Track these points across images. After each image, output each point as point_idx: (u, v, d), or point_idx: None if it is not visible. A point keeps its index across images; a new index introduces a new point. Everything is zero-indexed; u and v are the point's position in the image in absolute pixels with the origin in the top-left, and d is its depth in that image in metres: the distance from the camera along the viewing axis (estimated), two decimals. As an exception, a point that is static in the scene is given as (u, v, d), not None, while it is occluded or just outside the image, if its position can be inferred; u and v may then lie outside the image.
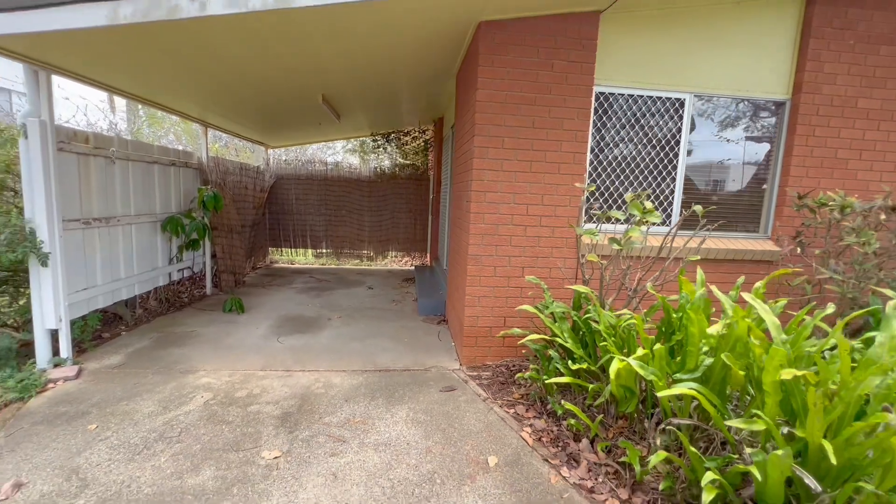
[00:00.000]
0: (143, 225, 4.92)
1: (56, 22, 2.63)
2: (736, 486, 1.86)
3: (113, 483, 2.30)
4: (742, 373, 1.91)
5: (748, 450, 1.68)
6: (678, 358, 2.39)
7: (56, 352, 3.60)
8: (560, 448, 2.74)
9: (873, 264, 2.89)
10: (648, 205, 2.86)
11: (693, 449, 1.88)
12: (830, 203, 3.25)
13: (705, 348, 2.19)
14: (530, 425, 2.99)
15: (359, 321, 5.23)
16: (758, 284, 2.35)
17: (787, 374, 1.67)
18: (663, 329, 2.65)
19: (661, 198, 4.08)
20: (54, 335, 3.60)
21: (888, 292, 2.59)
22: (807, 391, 1.68)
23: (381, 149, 9.94)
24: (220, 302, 5.75)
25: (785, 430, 1.77)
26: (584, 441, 2.71)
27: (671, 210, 4.10)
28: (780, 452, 1.53)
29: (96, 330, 4.30)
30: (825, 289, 3.25)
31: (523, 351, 3.90)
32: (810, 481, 1.53)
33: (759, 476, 1.60)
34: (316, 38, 3.57)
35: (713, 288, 2.36)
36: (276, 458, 2.56)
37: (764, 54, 3.98)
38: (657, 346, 2.14)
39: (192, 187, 6.01)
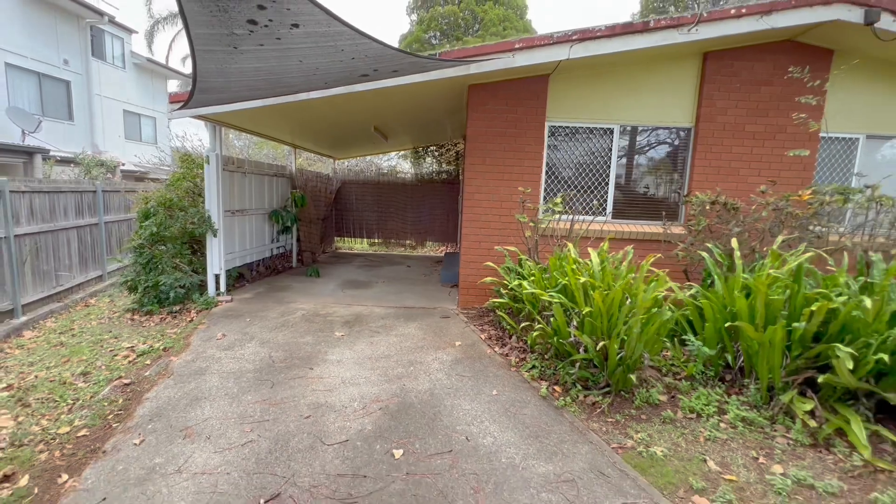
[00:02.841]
0: (258, 216, 7.48)
1: (235, 107, 5.05)
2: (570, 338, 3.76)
3: (264, 338, 4.64)
4: (563, 282, 3.82)
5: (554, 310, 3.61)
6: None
7: (217, 288, 6.13)
8: (498, 341, 4.74)
9: (702, 237, 4.57)
10: (558, 201, 4.77)
11: (538, 317, 3.83)
12: (694, 200, 4.94)
13: (564, 277, 4.09)
14: (486, 332, 5.00)
15: (396, 284, 7.45)
16: (602, 245, 4.22)
17: (580, 281, 3.57)
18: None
19: (599, 197, 5.87)
20: (216, 278, 6.13)
21: (704, 254, 4.35)
22: (584, 289, 3.58)
23: (421, 158, 12.17)
24: (302, 271, 8.24)
25: (586, 310, 3.65)
26: (514, 337, 4.68)
27: (606, 205, 5.88)
28: (555, 300, 3.46)
29: (234, 280, 6.85)
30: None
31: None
32: (571, 313, 3.44)
33: (552, 318, 3.53)
34: (368, 98, 5.79)
35: (570, 246, 4.24)
36: (341, 335, 4.79)
37: (673, 95, 5.66)
38: (535, 273, 4.09)
39: (286, 190, 8.57)
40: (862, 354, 2.84)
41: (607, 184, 5.86)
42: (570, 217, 5.08)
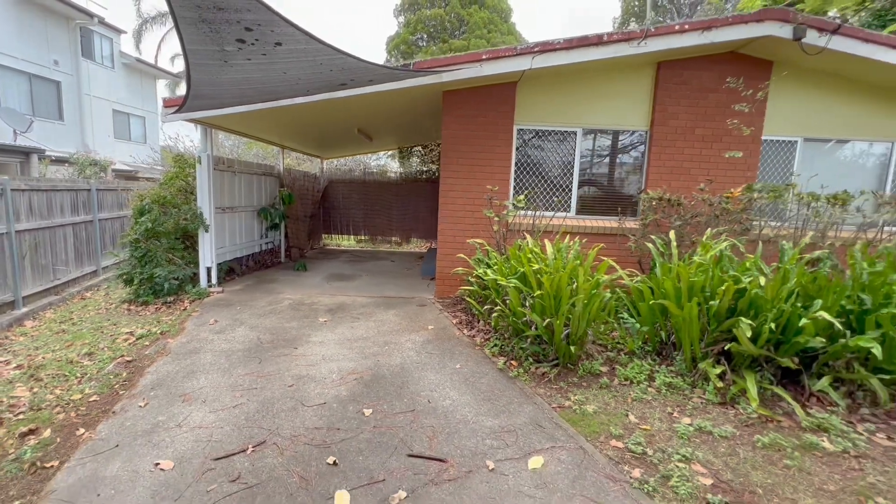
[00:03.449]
0: (248, 213, 7.88)
1: (225, 112, 5.46)
2: (525, 318, 4.24)
3: (253, 323, 5.07)
4: (522, 270, 4.30)
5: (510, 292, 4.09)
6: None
7: (209, 280, 6.53)
8: (468, 325, 5.21)
9: (650, 230, 5.09)
10: (521, 198, 5.26)
11: (498, 300, 4.31)
12: (643, 197, 5.46)
13: (522, 265, 4.57)
14: (458, 318, 5.47)
15: (379, 277, 7.90)
16: (557, 238, 4.71)
17: (534, 268, 4.06)
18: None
19: (563, 194, 6.37)
20: (208, 271, 6.52)
21: (650, 245, 4.84)
22: (536, 273, 4.07)
23: (406, 158, 12.62)
24: (290, 265, 8.64)
25: (537, 292, 4.14)
26: (481, 322, 5.16)
27: (570, 202, 6.38)
28: (511, 285, 3.94)
29: (224, 274, 7.25)
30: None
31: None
32: (526, 296, 3.93)
33: (508, 301, 4.01)
34: (350, 103, 6.21)
35: (528, 238, 4.72)
36: (325, 321, 5.24)
37: (630, 101, 6.17)
38: (499, 262, 4.57)
39: (274, 189, 8.97)
40: (761, 327, 3.36)
41: (571, 182, 6.37)
42: (533, 213, 5.58)
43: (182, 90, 26.13)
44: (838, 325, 3.14)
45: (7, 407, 3.21)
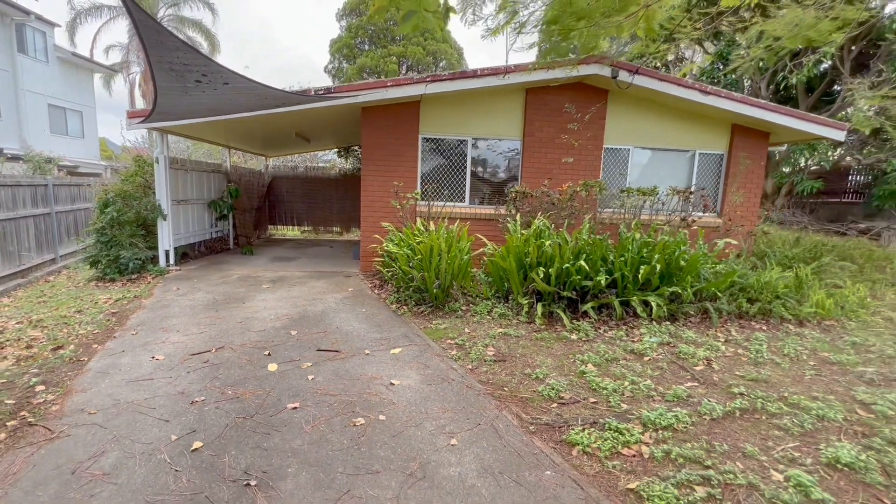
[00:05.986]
0: (199, 205, 9.12)
1: (182, 122, 6.80)
2: (410, 275, 5.98)
3: (209, 289, 6.49)
4: (412, 243, 6.05)
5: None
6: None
7: (167, 261, 7.80)
8: (380, 288, 6.92)
9: (512, 214, 7.02)
10: (418, 193, 7.01)
11: (395, 265, 6.05)
12: (512, 192, 7.38)
13: (410, 240, 6.32)
14: (374, 284, 7.17)
15: (317, 259, 9.42)
16: (441, 222, 6.51)
17: (417, 241, 5.80)
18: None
19: (459, 188, 8.20)
20: (167, 253, 7.79)
21: (509, 225, 6.71)
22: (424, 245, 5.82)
23: (343, 157, 14.06)
24: (238, 251, 9.95)
25: (417, 256, 5.88)
26: (389, 285, 6.87)
27: (464, 194, 8.22)
28: (402, 252, 5.68)
29: (179, 258, 8.50)
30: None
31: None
32: (411, 259, 5.68)
33: (400, 265, 5.75)
34: (286, 116, 7.70)
35: (420, 221, 6.48)
36: (267, 287, 6.75)
37: (508, 117, 8.08)
38: (399, 238, 6.30)
39: (222, 184, 10.20)
40: (548, 272, 5.31)
41: (465, 179, 8.21)
42: (428, 203, 7.36)
43: (119, 82, 25.67)
44: (587, 269, 5.13)
45: (30, 340, 4.54)
